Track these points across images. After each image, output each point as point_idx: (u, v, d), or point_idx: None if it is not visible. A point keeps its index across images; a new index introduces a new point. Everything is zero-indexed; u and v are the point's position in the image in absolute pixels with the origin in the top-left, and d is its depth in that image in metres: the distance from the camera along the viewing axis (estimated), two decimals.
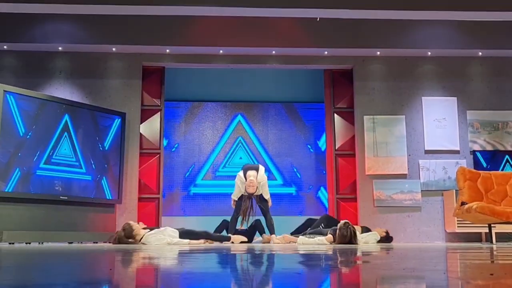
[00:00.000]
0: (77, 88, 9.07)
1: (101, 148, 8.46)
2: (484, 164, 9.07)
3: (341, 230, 6.95)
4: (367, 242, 7.64)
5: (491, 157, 9.15)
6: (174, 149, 10.00)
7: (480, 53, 9.40)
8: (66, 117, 8.08)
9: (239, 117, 10.17)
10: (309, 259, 3.56)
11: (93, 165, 8.32)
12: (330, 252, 4.38)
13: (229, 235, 7.62)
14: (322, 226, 7.90)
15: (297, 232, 8.02)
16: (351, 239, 6.93)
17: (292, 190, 10.02)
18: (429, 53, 9.37)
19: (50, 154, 7.82)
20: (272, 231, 7.81)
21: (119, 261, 3.37)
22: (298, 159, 10.12)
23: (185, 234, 7.16)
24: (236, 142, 10.17)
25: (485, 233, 8.62)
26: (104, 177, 8.43)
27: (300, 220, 8.61)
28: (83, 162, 8.20)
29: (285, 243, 7.37)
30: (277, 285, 1.99)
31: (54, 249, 5.20)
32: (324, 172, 9.85)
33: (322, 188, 9.97)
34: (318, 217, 8.36)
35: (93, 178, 8.31)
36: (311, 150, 10.16)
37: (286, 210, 9.72)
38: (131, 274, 2.45)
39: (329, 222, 8.00)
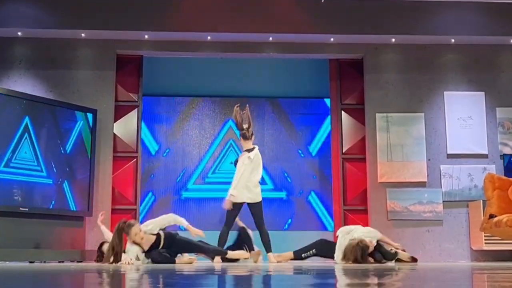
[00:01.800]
0: (40, 80, 9.04)
1: (67, 152, 8.43)
2: None
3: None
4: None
5: None
6: (162, 153, 10.02)
7: None
8: (26, 115, 8.04)
9: (230, 122, 10.18)
10: (315, 279, 3.57)
11: (57, 171, 8.29)
12: (341, 273, 4.38)
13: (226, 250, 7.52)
14: (313, 252, 7.80)
15: (303, 251, 7.89)
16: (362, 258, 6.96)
17: (282, 194, 10.06)
18: (453, 40, 9.39)
19: (8, 158, 7.79)
20: (268, 248, 7.68)
21: (89, 284, 3.36)
22: (291, 164, 10.13)
23: (174, 244, 7.19)
24: (227, 145, 10.17)
25: None
26: (70, 185, 8.41)
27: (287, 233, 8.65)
28: (47, 167, 8.17)
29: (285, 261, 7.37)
30: None
31: (12, 270, 5.17)
32: (329, 177, 9.84)
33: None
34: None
35: (58, 187, 8.28)
36: (313, 154, 10.17)
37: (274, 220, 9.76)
38: None
39: (323, 248, 7.85)
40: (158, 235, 7.20)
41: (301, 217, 9.93)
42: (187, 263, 7.07)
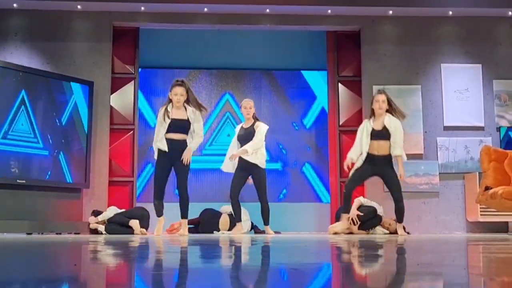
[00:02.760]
0: (36, 52, 8.98)
1: (63, 124, 8.40)
2: None
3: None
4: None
5: None
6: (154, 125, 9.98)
7: (510, 13, 9.37)
8: (23, 87, 8.00)
9: (227, 96, 10.14)
10: (315, 252, 3.58)
11: (54, 143, 8.28)
12: (335, 244, 4.40)
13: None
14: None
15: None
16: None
17: (278, 165, 10.04)
18: (450, 12, 9.34)
19: (5, 130, 7.76)
20: (267, 221, 7.81)
21: (86, 255, 3.37)
22: (297, 138, 10.12)
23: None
24: (224, 117, 10.14)
25: None
26: (67, 157, 8.40)
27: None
28: (44, 139, 8.16)
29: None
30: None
31: (10, 241, 5.19)
32: (323, 149, 9.85)
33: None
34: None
35: (54, 158, 8.27)
36: (307, 127, 10.16)
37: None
38: (99, 270, 2.45)
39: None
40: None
41: (296, 189, 9.95)
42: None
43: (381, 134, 7.24)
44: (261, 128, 7.85)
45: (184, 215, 7.18)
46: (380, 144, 7.24)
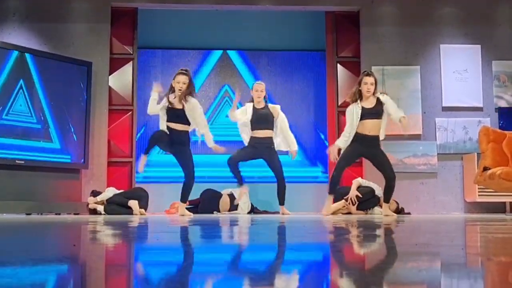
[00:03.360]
0: (34, 33, 8.94)
1: (62, 105, 8.38)
2: None
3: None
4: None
5: None
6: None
7: None
8: (22, 68, 7.98)
9: (226, 87, 10.13)
10: (310, 231, 3.59)
11: (56, 125, 8.27)
12: (334, 225, 4.41)
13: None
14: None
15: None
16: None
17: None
18: None
19: (4, 111, 7.75)
20: (283, 201, 7.77)
21: (85, 235, 3.38)
22: (297, 117, 10.10)
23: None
24: (221, 91, 10.11)
25: (510, 202, 8.71)
26: (70, 139, 8.39)
27: None
28: (43, 120, 8.15)
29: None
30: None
31: (9, 221, 5.21)
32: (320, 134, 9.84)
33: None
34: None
35: (56, 140, 8.27)
36: (306, 107, 10.14)
37: None
38: (98, 250, 2.46)
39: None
40: None
41: (295, 168, 9.91)
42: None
43: (374, 112, 7.01)
44: (284, 117, 7.80)
45: (182, 198, 7.21)
46: (374, 123, 6.98)
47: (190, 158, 7.13)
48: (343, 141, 7.10)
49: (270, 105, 7.90)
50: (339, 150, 7.21)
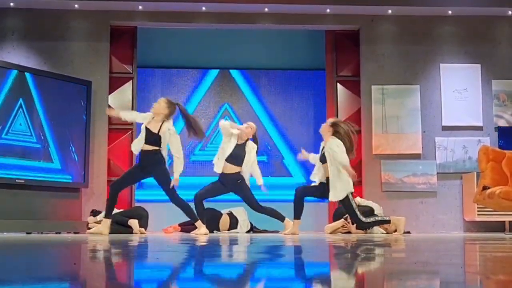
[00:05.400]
0: (33, 52, 8.99)
1: (61, 124, 8.41)
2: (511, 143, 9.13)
3: None
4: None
5: None
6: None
7: (510, 12, 9.40)
8: (22, 87, 8.01)
9: (226, 106, 10.18)
10: (311, 250, 3.61)
11: (55, 144, 8.29)
12: (333, 244, 4.43)
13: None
14: None
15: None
16: None
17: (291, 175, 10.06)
18: (450, 11, 9.36)
19: (4, 130, 7.78)
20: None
21: (85, 254, 3.40)
22: (296, 137, 10.13)
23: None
24: (220, 110, 10.15)
25: (509, 221, 8.71)
26: (69, 158, 8.41)
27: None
28: (43, 140, 8.17)
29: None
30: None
31: (10, 240, 5.21)
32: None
33: None
34: None
35: (56, 160, 8.28)
36: (305, 126, 10.18)
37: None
38: (98, 269, 2.48)
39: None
40: None
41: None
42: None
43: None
44: (254, 153, 7.87)
45: (192, 220, 7.30)
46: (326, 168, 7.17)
47: (168, 179, 7.03)
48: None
49: (249, 143, 7.90)
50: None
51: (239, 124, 8.38)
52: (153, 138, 6.92)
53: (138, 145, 7.01)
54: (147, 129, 6.96)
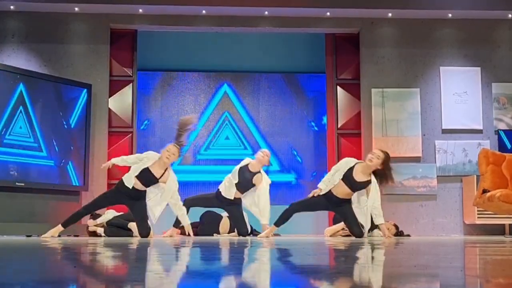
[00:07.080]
0: (33, 55, 9.00)
1: (61, 126, 8.43)
2: (510, 146, 9.13)
3: None
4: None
5: None
6: (144, 126, 9.93)
7: (510, 15, 9.40)
8: (21, 89, 8.03)
9: (225, 88, 10.15)
10: (310, 254, 3.61)
11: (55, 147, 8.31)
12: (333, 247, 4.43)
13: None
14: None
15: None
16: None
17: (291, 177, 10.07)
18: (450, 15, 9.37)
19: (2, 133, 7.79)
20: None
21: (85, 257, 3.40)
22: (297, 140, 10.14)
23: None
24: (221, 118, 10.15)
25: (509, 225, 8.71)
26: (69, 161, 8.43)
27: None
28: (43, 143, 8.18)
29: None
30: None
31: (9, 243, 5.21)
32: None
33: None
34: None
35: (56, 163, 8.30)
36: (315, 128, 10.17)
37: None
38: (99, 272, 2.48)
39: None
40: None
41: (294, 192, 9.90)
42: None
43: (357, 185, 6.68)
44: (266, 188, 7.71)
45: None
46: (345, 191, 6.74)
47: (145, 209, 6.97)
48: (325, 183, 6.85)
49: (261, 173, 7.74)
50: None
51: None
52: (151, 181, 6.76)
53: (132, 180, 6.74)
54: (148, 171, 6.71)
